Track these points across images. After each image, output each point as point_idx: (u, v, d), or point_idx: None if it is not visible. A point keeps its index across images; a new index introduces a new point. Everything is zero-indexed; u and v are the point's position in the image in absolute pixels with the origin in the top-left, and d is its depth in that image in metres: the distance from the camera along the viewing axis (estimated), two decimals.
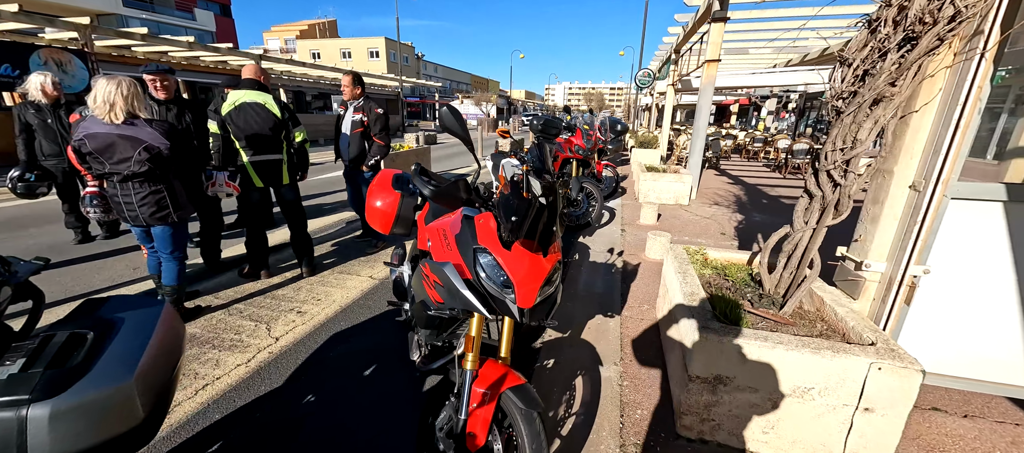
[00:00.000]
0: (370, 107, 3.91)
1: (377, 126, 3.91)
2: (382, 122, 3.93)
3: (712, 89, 6.21)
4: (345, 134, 3.96)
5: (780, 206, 6.52)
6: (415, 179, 1.98)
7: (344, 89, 3.90)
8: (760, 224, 5.39)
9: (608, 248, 4.42)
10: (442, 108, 1.53)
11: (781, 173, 9.80)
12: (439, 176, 2.20)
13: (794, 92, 23.99)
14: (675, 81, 10.77)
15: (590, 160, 5.11)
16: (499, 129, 3.27)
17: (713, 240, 4.67)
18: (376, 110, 3.91)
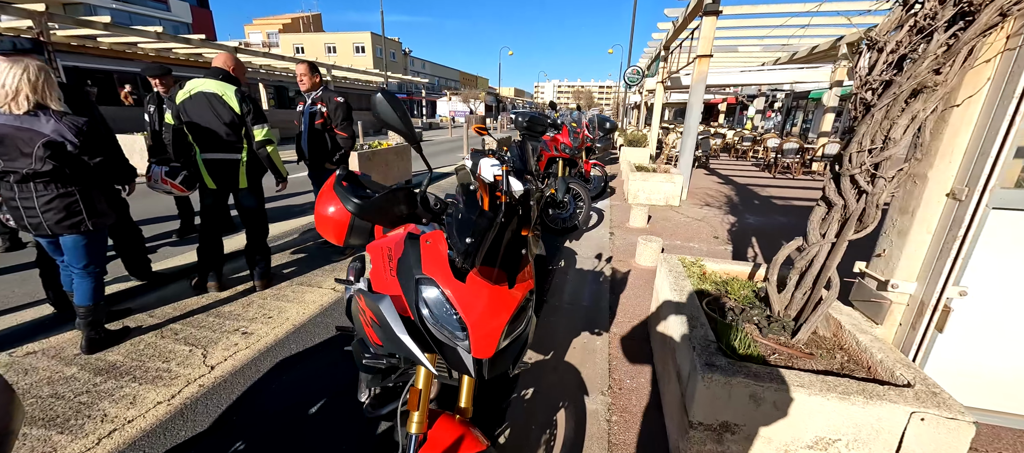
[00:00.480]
0: (329, 97, 3.54)
1: (338, 117, 3.54)
2: (343, 112, 3.56)
3: (703, 86, 5.97)
4: (304, 129, 3.58)
5: (772, 207, 6.33)
6: (336, 189, 1.63)
7: (300, 79, 3.52)
8: (754, 227, 5.17)
9: (596, 254, 4.13)
10: (377, 94, 1.19)
11: (771, 172, 9.67)
12: (377, 184, 1.86)
13: (780, 91, 24.16)
14: (664, 78, 10.56)
15: (577, 159, 4.82)
16: (475, 125, 2.94)
17: (706, 245, 4.42)
18: (336, 99, 3.54)
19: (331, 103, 3.53)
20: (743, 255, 4.13)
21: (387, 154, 6.32)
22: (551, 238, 4.58)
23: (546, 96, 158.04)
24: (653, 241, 3.73)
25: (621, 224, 5.13)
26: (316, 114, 3.53)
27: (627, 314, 2.92)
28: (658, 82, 10.63)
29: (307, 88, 3.55)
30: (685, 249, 4.26)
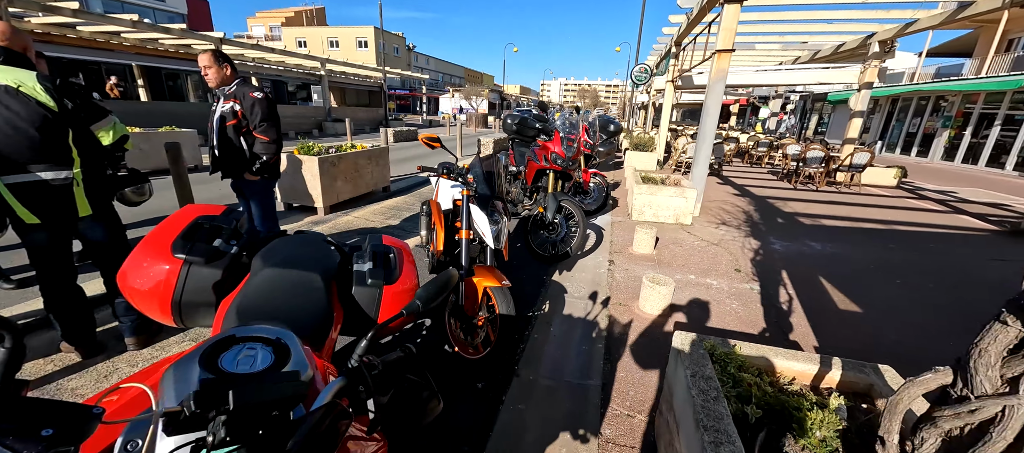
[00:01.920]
0: (243, 93, 2.76)
1: (256, 117, 2.76)
2: (263, 111, 2.78)
3: (722, 84, 5.13)
4: (213, 129, 2.82)
5: (800, 228, 5.47)
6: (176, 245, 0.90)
7: (205, 73, 2.74)
8: (783, 257, 4.33)
9: (590, 292, 3.32)
10: None
11: (791, 182, 8.78)
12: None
13: (794, 93, 23.11)
14: (674, 77, 9.69)
15: (571, 172, 4.02)
16: (422, 136, 2.14)
17: (727, 282, 3.59)
18: (252, 96, 2.76)
19: (246, 100, 2.75)
20: (776, 299, 3.31)
21: (356, 159, 5.54)
22: (537, 269, 3.77)
23: (552, 94, 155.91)
24: (661, 284, 2.91)
25: (623, 248, 4.31)
26: (228, 114, 2.76)
27: (626, 398, 2.12)
28: (668, 81, 9.76)
29: (216, 83, 2.77)
30: (701, 288, 3.44)
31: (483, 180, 2.30)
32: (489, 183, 2.32)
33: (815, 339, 2.75)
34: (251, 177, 2.87)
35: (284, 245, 1.49)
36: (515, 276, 3.56)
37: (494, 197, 2.32)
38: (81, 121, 2.05)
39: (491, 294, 2.15)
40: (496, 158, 2.48)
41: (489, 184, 2.31)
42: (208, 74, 2.72)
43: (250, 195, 2.99)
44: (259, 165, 2.82)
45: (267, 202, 3.04)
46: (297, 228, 4.56)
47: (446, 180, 2.56)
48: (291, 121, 16.99)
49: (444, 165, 2.26)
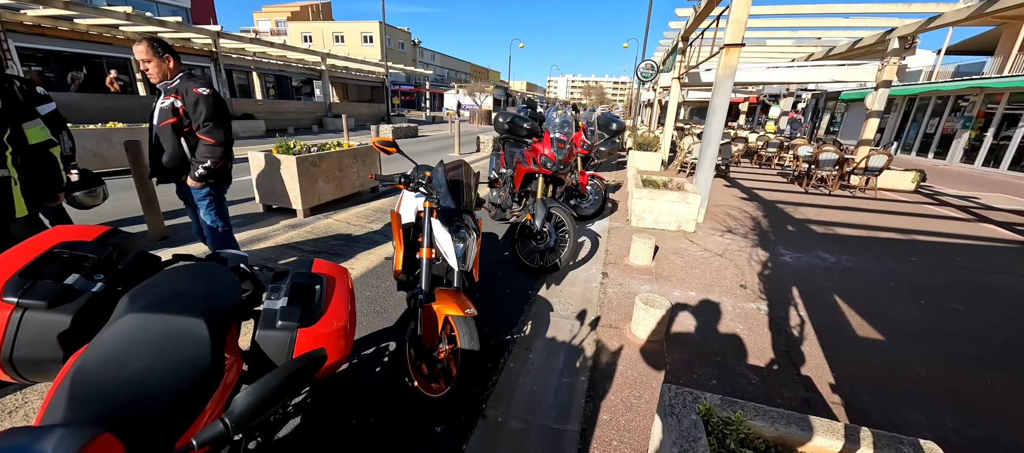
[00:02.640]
0: (186, 88, 2.47)
1: (199, 117, 2.47)
2: (208, 110, 2.48)
3: (731, 81, 4.75)
4: (152, 128, 2.53)
5: (812, 236, 5.10)
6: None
7: (145, 67, 2.44)
8: (795, 271, 3.97)
9: (578, 310, 3.01)
10: None
11: (802, 185, 8.36)
12: None
13: (806, 91, 22.46)
14: (681, 74, 9.28)
15: (563, 176, 3.69)
16: (374, 140, 1.83)
17: (731, 300, 3.26)
18: (197, 91, 2.47)
19: (189, 96, 2.46)
20: (785, 322, 2.96)
21: (340, 158, 5.25)
22: (523, 282, 3.47)
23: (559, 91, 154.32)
24: (656, 307, 2.59)
25: (619, 259, 3.99)
26: (167, 111, 2.47)
27: (607, 448, 1.81)
28: (674, 78, 9.36)
29: (158, 78, 2.48)
30: (703, 308, 3.11)
31: (448, 191, 1.99)
32: (455, 194, 2.01)
33: (830, 374, 2.41)
34: (193, 183, 2.58)
35: (168, 280, 1.19)
36: (498, 290, 3.26)
37: (461, 211, 2.01)
38: (15, 118, 1.80)
39: (453, 323, 1.85)
40: (463, 166, 2.17)
41: (455, 195, 2.00)
42: (148, 69, 2.43)
43: (196, 202, 2.70)
44: (201, 171, 2.53)
45: (217, 210, 2.76)
46: (274, 232, 4.31)
47: (408, 192, 2.26)
48: (291, 117, 16.81)
49: (404, 175, 1.96)
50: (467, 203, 2.05)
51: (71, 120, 8.14)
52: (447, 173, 2.09)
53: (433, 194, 2.01)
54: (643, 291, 3.33)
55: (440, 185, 2.01)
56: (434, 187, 2.01)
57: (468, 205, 2.07)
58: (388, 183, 1.94)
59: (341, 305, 1.39)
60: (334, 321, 1.33)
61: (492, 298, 3.15)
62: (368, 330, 2.63)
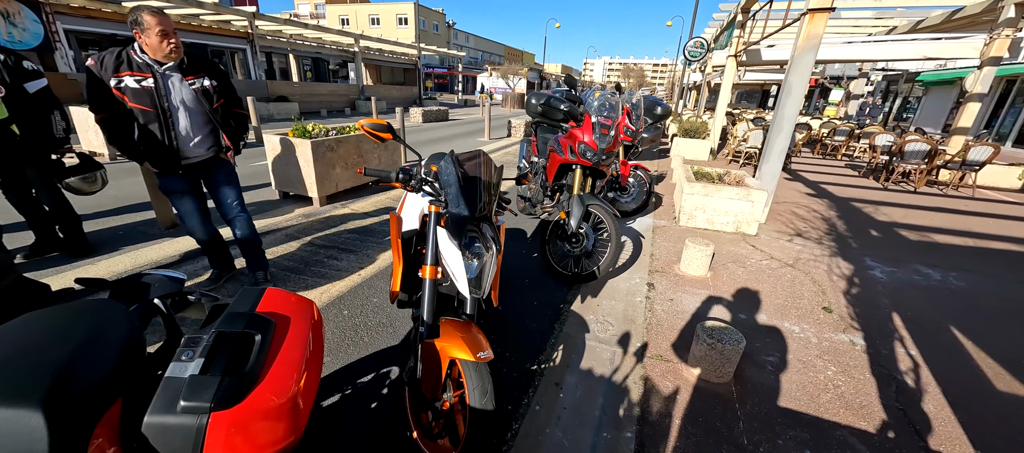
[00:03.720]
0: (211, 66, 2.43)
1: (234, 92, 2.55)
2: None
3: (813, 56, 3.94)
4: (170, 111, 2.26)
5: (903, 244, 4.24)
6: None
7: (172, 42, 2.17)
8: (889, 288, 3.23)
9: (620, 333, 2.47)
10: None
11: (879, 180, 7.25)
12: None
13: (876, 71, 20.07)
14: (738, 51, 8.25)
15: (605, 168, 3.12)
16: (362, 123, 1.35)
17: (814, 328, 2.61)
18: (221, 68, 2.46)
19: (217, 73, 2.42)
20: (892, 364, 2.30)
21: (359, 142, 4.89)
22: (553, 292, 2.97)
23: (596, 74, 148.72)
24: (722, 342, 2.01)
25: (667, 266, 3.39)
26: (210, 93, 2.38)
27: None
28: (729, 56, 8.33)
29: (177, 56, 2.22)
30: (779, 339, 2.49)
31: (459, 191, 1.51)
32: (469, 195, 1.52)
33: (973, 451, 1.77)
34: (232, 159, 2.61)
35: (12, 333, 0.79)
36: (524, 302, 2.77)
37: (478, 218, 1.52)
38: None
39: (461, 369, 1.40)
40: (482, 157, 1.66)
41: (469, 197, 1.52)
42: (174, 43, 2.17)
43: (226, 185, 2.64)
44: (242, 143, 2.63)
45: None
46: (286, 223, 4.01)
47: (413, 195, 1.79)
48: (324, 99, 16.88)
49: (403, 169, 1.50)
50: (486, 207, 1.57)
51: None
52: (460, 167, 1.61)
53: (441, 195, 1.53)
54: (699, 309, 2.74)
55: (449, 184, 1.53)
56: (442, 186, 1.53)
57: (487, 210, 1.58)
58: (381, 179, 1.49)
59: (289, 367, 0.95)
60: (273, 395, 0.89)
61: (517, 312, 2.67)
62: (370, 348, 2.24)
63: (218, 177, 2.58)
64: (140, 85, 2.14)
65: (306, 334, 1.06)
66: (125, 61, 2.13)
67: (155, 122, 2.22)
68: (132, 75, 2.13)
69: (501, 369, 2.14)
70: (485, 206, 1.57)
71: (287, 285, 2.87)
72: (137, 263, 3.06)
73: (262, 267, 2.89)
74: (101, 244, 3.33)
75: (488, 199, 1.61)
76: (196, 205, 2.54)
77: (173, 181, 2.42)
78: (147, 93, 2.16)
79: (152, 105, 2.18)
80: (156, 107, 2.19)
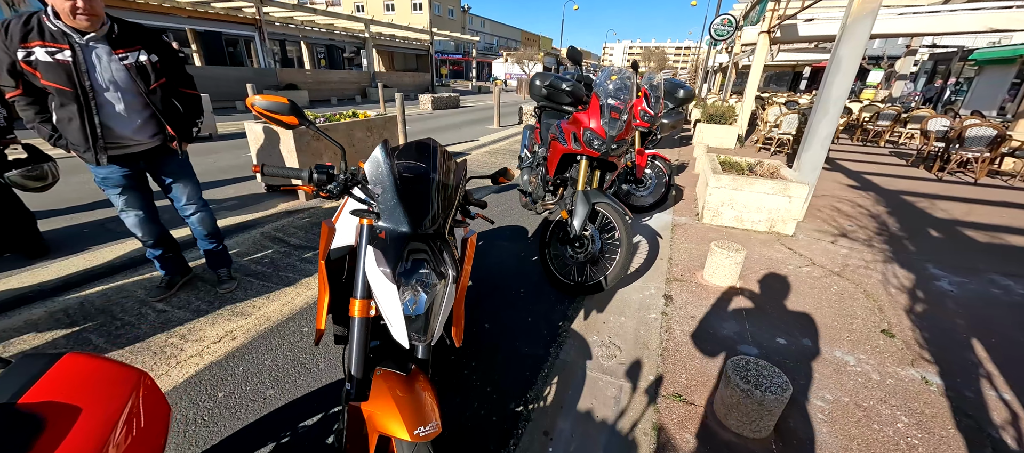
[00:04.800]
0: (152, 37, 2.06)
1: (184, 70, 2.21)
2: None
3: (869, 25, 3.31)
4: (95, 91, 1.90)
5: (973, 247, 3.62)
6: None
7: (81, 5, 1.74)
8: (962, 304, 2.67)
9: (629, 363, 2.03)
10: None
11: (932, 170, 6.46)
12: None
13: (924, 47, 18.45)
14: (772, 26, 7.46)
15: (615, 159, 2.64)
16: (252, 101, 0.94)
17: (876, 359, 2.11)
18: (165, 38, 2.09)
19: (160, 45, 2.05)
20: (983, 414, 1.79)
21: (350, 130, 4.52)
22: (552, 305, 2.54)
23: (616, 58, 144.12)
24: (765, 384, 1.55)
25: (688, 274, 2.91)
26: (146, 69, 2.01)
27: None
28: (761, 32, 7.56)
29: (97, 24, 1.84)
30: (831, 373, 2.00)
31: (396, 197, 1.07)
32: (411, 203, 1.09)
33: None
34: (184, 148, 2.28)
35: None
36: (517, 317, 2.35)
37: (426, 235, 1.09)
38: None
39: (395, 448, 1.00)
40: (433, 149, 1.23)
41: (411, 205, 1.08)
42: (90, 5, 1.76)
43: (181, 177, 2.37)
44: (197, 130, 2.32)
45: None
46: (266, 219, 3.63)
47: (336, 218, 1.37)
48: (335, 86, 16.65)
49: (321, 168, 1.09)
50: (436, 219, 1.13)
51: None
52: (398, 161, 1.19)
53: (372, 204, 1.12)
54: (727, 331, 2.26)
55: (382, 185, 1.10)
56: (373, 190, 1.11)
57: (440, 223, 1.15)
58: (285, 182, 1.10)
59: None
60: None
61: (507, 332, 2.26)
62: (326, 378, 1.87)
63: (168, 169, 2.24)
64: (54, 58, 1.78)
65: (108, 431, 0.67)
66: (36, 28, 1.76)
67: (73, 104, 1.86)
68: (44, 46, 1.77)
69: (478, 411, 1.74)
70: (436, 218, 1.15)
71: (248, 292, 2.53)
72: (93, 264, 2.78)
73: (224, 264, 2.58)
74: (62, 243, 3.07)
75: (442, 207, 1.18)
76: (138, 201, 2.21)
77: (110, 172, 2.08)
78: (63, 69, 1.79)
79: (70, 83, 1.82)
80: (75, 86, 1.83)
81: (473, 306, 2.47)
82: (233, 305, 2.40)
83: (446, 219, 1.21)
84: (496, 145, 7.87)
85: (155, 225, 2.31)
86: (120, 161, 2.06)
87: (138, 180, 2.19)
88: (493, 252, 3.21)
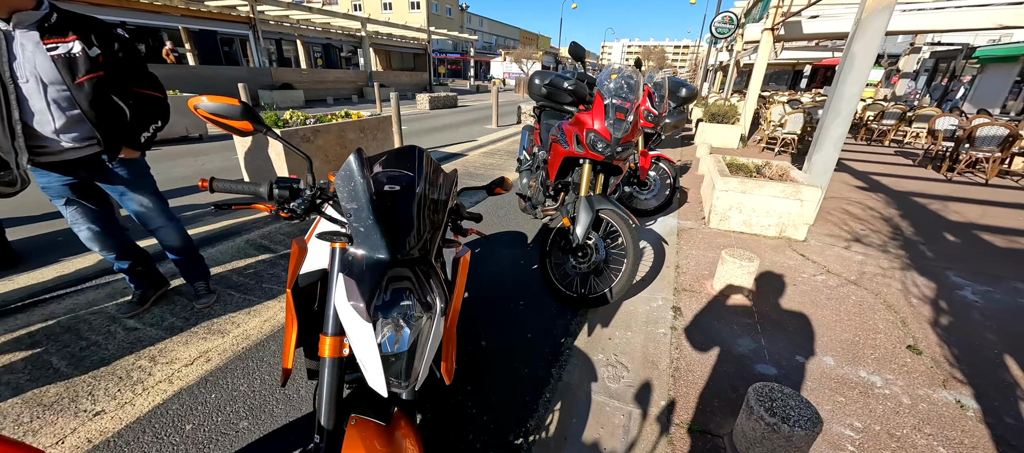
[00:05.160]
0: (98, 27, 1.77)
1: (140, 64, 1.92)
2: None
3: (887, 17, 3.15)
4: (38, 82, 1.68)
5: (992, 252, 3.47)
6: None
7: None
8: (993, 316, 2.52)
9: (638, 386, 1.87)
10: None
11: (940, 170, 6.31)
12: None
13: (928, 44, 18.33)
14: (775, 23, 7.31)
15: (620, 162, 2.48)
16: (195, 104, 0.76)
17: (904, 378, 1.95)
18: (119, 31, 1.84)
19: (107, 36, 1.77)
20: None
21: (342, 131, 4.35)
22: (553, 319, 2.37)
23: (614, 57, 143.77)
24: (793, 417, 1.39)
25: (697, 283, 2.75)
26: (80, 61, 1.70)
27: None
28: (765, 29, 7.40)
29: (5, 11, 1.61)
30: (854, 395, 1.84)
31: (372, 217, 0.90)
32: (390, 224, 0.92)
33: None
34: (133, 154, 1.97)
35: None
36: (516, 331, 2.18)
37: (409, 259, 0.92)
38: None
39: None
40: (417, 156, 1.05)
41: (390, 226, 0.91)
42: None
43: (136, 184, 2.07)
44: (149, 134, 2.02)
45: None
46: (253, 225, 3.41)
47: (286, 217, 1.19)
48: (331, 86, 16.44)
49: (282, 182, 0.93)
50: (419, 238, 0.96)
51: None
52: (374, 173, 1.01)
53: (344, 225, 0.95)
54: (741, 347, 2.10)
55: (355, 201, 0.93)
56: (346, 208, 0.95)
57: (426, 245, 0.98)
58: (237, 200, 0.93)
59: None
60: None
61: (505, 350, 2.10)
62: (305, 408, 1.71)
63: (116, 181, 1.95)
64: None
65: None
66: None
67: None
68: None
69: (474, 444, 1.57)
70: (421, 239, 0.98)
71: (228, 306, 2.36)
72: (64, 273, 2.61)
73: (202, 277, 2.39)
74: (34, 252, 2.90)
75: (428, 227, 1.01)
76: (88, 214, 1.95)
77: (49, 180, 1.83)
78: None
79: None
80: None
81: (469, 323, 2.30)
82: (210, 322, 2.23)
83: (433, 240, 1.04)
84: (494, 146, 7.69)
85: (114, 239, 2.07)
86: (56, 168, 1.81)
87: (85, 190, 1.94)
88: (491, 260, 3.05)
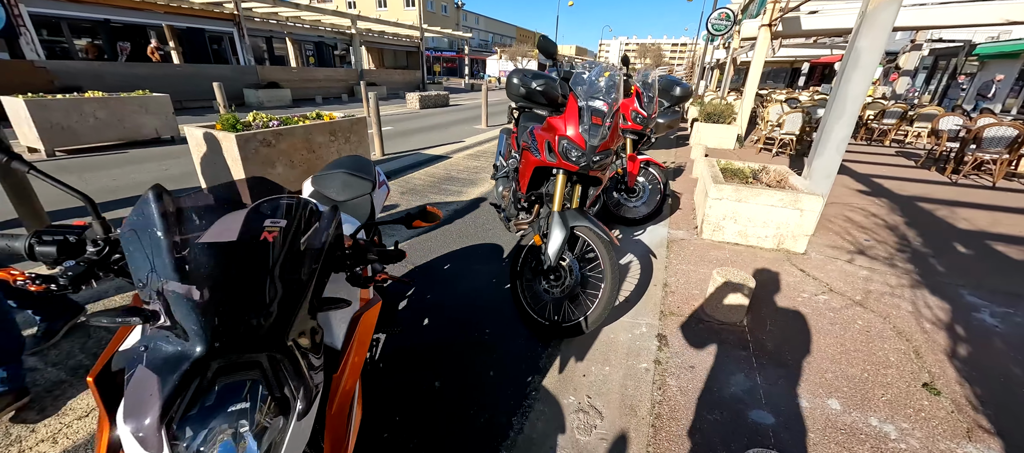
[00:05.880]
0: None
1: None
2: None
3: (895, 10, 2.87)
4: None
5: (1011, 266, 3.20)
6: None
7: None
8: (1015, 346, 2.24)
9: (612, 438, 1.59)
10: None
11: (944, 172, 6.05)
12: None
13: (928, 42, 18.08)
14: (773, 19, 7.02)
15: (597, 173, 2.19)
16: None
17: (919, 424, 1.68)
18: None
19: None
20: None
21: (308, 134, 4.04)
22: (524, 349, 2.09)
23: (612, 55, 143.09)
24: None
25: (685, 305, 2.47)
26: None
27: None
28: (762, 25, 7.12)
29: None
30: (863, 451, 1.56)
31: (178, 284, 0.61)
32: (213, 294, 0.61)
33: None
34: None
35: None
36: (476, 372, 1.90)
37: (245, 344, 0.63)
38: None
39: None
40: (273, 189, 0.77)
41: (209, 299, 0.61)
42: None
43: None
44: None
45: None
46: None
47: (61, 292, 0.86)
48: (321, 85, 16.08)
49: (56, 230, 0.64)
50: (274, 314, 0.67)
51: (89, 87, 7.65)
52: (178, 219, 0.71)
53: (151, 306, 0.66)
54: (735, 387, 1.82)
55: (152, 266, 0.64)
56: (139, 279, 0.65)
57: (284, 326, 0.69)
58: None
59: None
60: None
61: (462, 388, 1.81)
62: None
63: None
64: None
65: None
66: None
67: None
68: None
69: None
70: (264, 313, 0.68)
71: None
72: None
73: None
74: None
75: (279, 297, 0.71)
76: None
77: None
78: None
79: None
80: None
81: (422, 359, 2.02)
82: None
83: (294, 312, 0.75)
84: (481, 147, 7.40)
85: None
86: None
87: None
88: (463, 278, 2.76)
